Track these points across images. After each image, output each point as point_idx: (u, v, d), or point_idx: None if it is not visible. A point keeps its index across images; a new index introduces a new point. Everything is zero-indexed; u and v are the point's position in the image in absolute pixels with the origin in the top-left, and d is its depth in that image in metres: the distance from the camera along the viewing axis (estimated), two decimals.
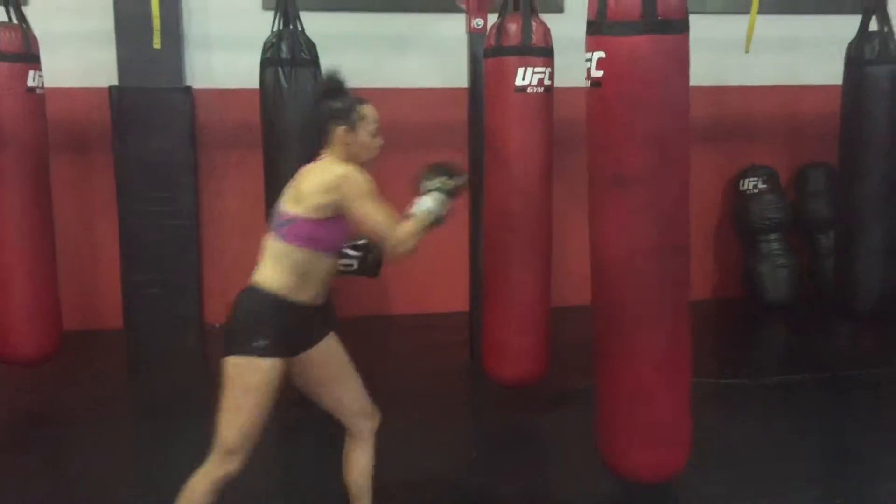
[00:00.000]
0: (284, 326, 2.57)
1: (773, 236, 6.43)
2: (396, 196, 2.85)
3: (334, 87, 2.73)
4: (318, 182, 2.57)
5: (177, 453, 3.88)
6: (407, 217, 2.63)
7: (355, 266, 2.78)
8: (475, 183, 2.77)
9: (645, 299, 2.86)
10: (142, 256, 5.66)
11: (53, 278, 4.48)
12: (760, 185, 6.42)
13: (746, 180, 6.47)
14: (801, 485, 3.54)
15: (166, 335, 5.67)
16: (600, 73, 2.74)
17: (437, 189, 2.70)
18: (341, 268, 2.74)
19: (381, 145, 2.77)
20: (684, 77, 2.79)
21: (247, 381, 2.53)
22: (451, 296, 6.04)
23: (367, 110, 2.72)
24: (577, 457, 3.85)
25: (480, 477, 3.68)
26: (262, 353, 2.53)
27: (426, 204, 2.65)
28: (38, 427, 4.29)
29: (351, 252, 2.76)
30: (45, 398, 4.65)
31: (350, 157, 2.68)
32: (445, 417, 4.40)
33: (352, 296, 6.21)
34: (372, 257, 2.80)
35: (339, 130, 2.67)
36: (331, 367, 2.76)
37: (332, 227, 2.59)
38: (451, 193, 2.71)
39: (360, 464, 2.81)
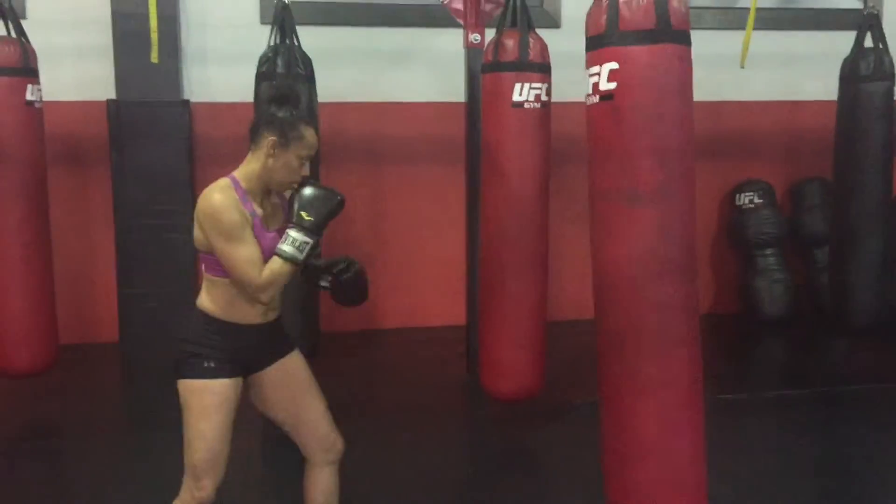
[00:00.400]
0: (228, 346, 2.51)
1: (769, 251, 6.44)
2: (393, 209, 2.83)
3: (286, 95, 2.59)
4: (197, 214, 2.44)
5: (171, 467, 3.87)
6: (273, 258, 2.44)
7: (330, 290, 2.61)
8: (340, 210, 2.50)
9: (661, 328, 2.70)
10: (138, 270, 5.66)
11: (50, 291, 4.47)
12: (756, 200, 6.44)
13: (742, 195, 6.49)
14: (798, 500, 3.53)
15: (162, 348, 5.64)
16: (612, 86, 2.62)
17: (299, 226, 2.43)
18: (322, 286, 2.61)
19: (302, 177, 2.53)
20: (691, 88, 2.75)
21: (202, 404, 2.48)
22: (449, 309, 6.04)
23: (309, 134, 2.50)
24: (573, 472, 3.84)
25: (477, 492, 3.67)
26: (211, 373, 2.48)
27: (285, 247, 2.42)
28: (33, 439, 4.27)
29: (321, 283, 2.60)
30: (41, 411, 4.63)
31: (265, 174, 2.48)
32: (442, 432, 4.38)
33: (350, 309, 6.20)
34: (346, 279, 2.57)
35: (270, 140, 2.45)
36: (290, 387, 2.65)
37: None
38: (313, 229, 2.43)
39: (315, 493, 2.70)
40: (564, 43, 4.69)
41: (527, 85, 3.88)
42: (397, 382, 5.19)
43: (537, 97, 3.92)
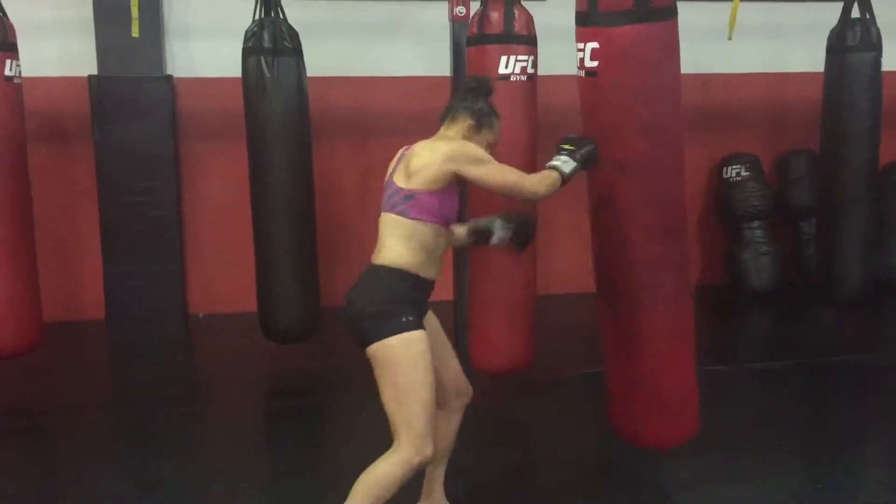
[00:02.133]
0: (417, 300, 2.66)
1: (756, 223, 6.45)
2: (381, 184, 2.82)
3: (486, 89, 2.86)
4: (436, 154, 2.63)
5: (158, 443, 3.88)
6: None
7: (507, 239, 2.94)
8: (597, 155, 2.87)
9: (651, 282, 2.97)
10: (123, 247, 5.63)
11: (34, 270, 4.43)
12: (743, 173, 6.44)
13: (729, 168, 6.49)
14: (783, 471, 3.56)
15: (149, 325, 5.65)
16: (595, 64, 2.79)
17: (568, 152, 2.81)
18: (495, 240, 2.94)
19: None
20: (676, 62, 2.85)
21: (410, 355, 2.55)
22: (436, 285, 6.04)
23: (497, 125, 2.86)
24: (561, 445, 3.86)
25: (463, 465, 3.68)
26: (412, 326, 2.58)
27: (555, 162, 2.78)
28: (19, 418, 4.25)
29: (507, 225, 2.94)
30: (27, 390, 4.61)
31: None
32: None
33: (336, 285, 6.20)
34: (526, 230, 2.97)
35: (467, 122, 2.79)
36: (435, 340, 2.77)
37: (447, 199, 2.67)
38: (581, 159, 2.81)
39: (447, 432, 2.92)
40: (551, 15, 4.66)
41: (513, 57, 3.85)
42: None
43: (523, 70, 3.89)
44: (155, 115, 5.63)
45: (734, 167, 6.46)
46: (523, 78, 3.89)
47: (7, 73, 4.18)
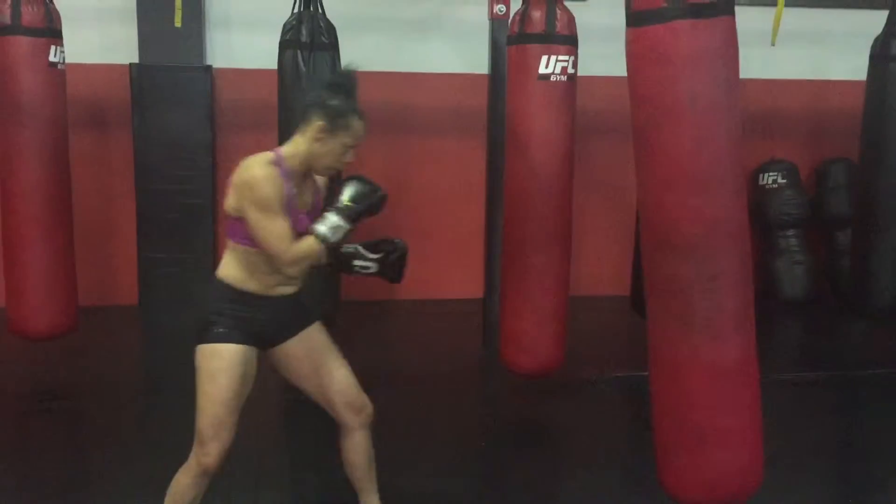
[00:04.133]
0: (242, 314, 2.56)
1: (790, 232, 6.39)
2: (414, 181, 2.81)
3: (342, 83, 2.56)
4: (235, 180, 2.50)
5: (188, 429, 3.91)
6: (305, 236, 2.49)
7: (373, 269, 2.67)
8: (381, 206, 2.60)
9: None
10: (158, 234, 5.69)
11: (71, 253, 4.49)
12: (780, 180, 6.37)
13: (766, 174, 6.43)
14: (813, 484, 3.52)
15: (181, 312, 5.69)
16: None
17: (339, 210, 2.49)
18: (358, 269, 2.66)
19: (347, 164, 2.58)
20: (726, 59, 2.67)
21: (211, 367, 2.53)
22: (466, 282, 6.04)
23: (356, 125, 2.52)
24: (586, 449, 3.85)
25: (488, 466, 3.69)
26: (221, 338, 2.53)
27: (320, 227, 2.48)
28: (53, 400, 4.32)
29: (369, 255, 2.65)
30: (62, 373, 4.67)
31: (310, 157, 2.53)
32: (455, 405, 4.40)
33: (363, 279, 6.21)
34: (394, 259, 2.68)
35: (318, 124, 2.49)
36: (313, 359, 2.70)
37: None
38: (350, 217, 2.50)
39: (354, 457, 2.78)
40: (591, 16, 4.64)
41: (553, 57, 3.83)
42: (413, 354, 5.21)
43: (563, 70, 3.88)
44: (193, 104, 5.68)
45: (771, 174, 6.40)
46: (563, 78, 3.88)
47: (52, 59, 4.23)
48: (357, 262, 2.64)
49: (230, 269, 2.58)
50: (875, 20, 5.15)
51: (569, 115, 3.95)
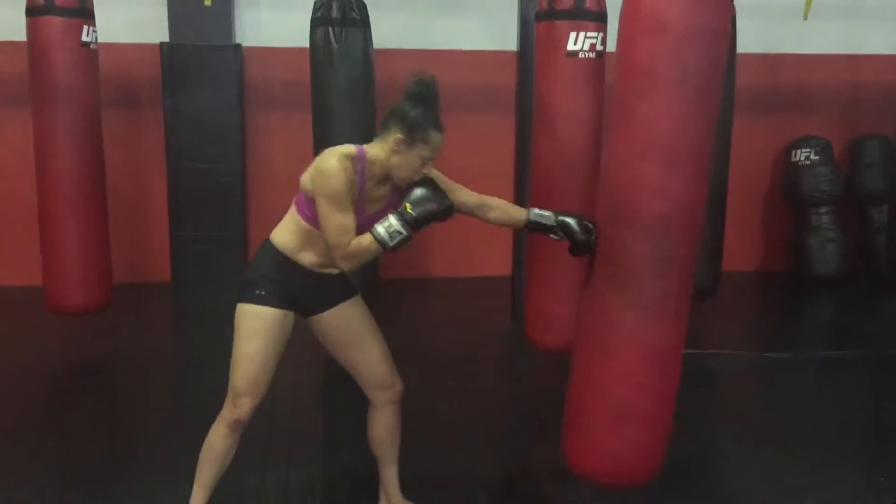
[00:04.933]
0: (285, 281, 2.62)
1: (823, 209, 6.31)
2: (442, 158, 2.80)
3: (423, 94, 2.56)
4: (315, 164, 2.53)
5: (219, 403, 3.98)
6: (365, 235, 2.50)
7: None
8: (446, 216, 2.65)
9: None
10: (189, 212, 5.75)
11: (105, 231, 4.55)
12: (813, 157, 6.29)
13: (799, 151, 6.34)
14: (844, 462, 3.50)
15: (211, 290, 5.76)
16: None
17: (400, 216, 2.50)
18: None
19: (420, 179, 2.59)
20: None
21: (249, 327, 2.61)
22: (494, 260, 6.05)
23: (435, 139, 2.55)
24: None
25: (517, 442, 3.71)
26: (262, 301, 2.60)
27: (380, 230, 2.48)
28: (88, 375, 4.41)
29: (559, 228, 2.74)
30: (95, 348, 4.76)
31: (388, 166, 2.56)
32: (484, 382, 4.42)
33: (394, 257, 6.24)
34: (586, 239, 2.71)
35: (397, 136, 2.51)
36: (347, 331, 2.76)
37: None
38: (410, 224, 2.50)
39: (376, 430, 2.84)
40: None
41: (582, 34, 3.79)
42: (441, 331, 5.23)
43: (592, 47, 3.83)
44: (223, 83, 5.71)
45: (804, 150, 6.31)
46: (592, 55, 3.84)
47: (84, 38, 4.27)
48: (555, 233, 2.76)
49: (287, 236, 2.64)
50: None
51: (597, 93, 3.91)
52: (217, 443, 2.69)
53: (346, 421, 3.77)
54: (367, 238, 2.48)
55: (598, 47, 3.86)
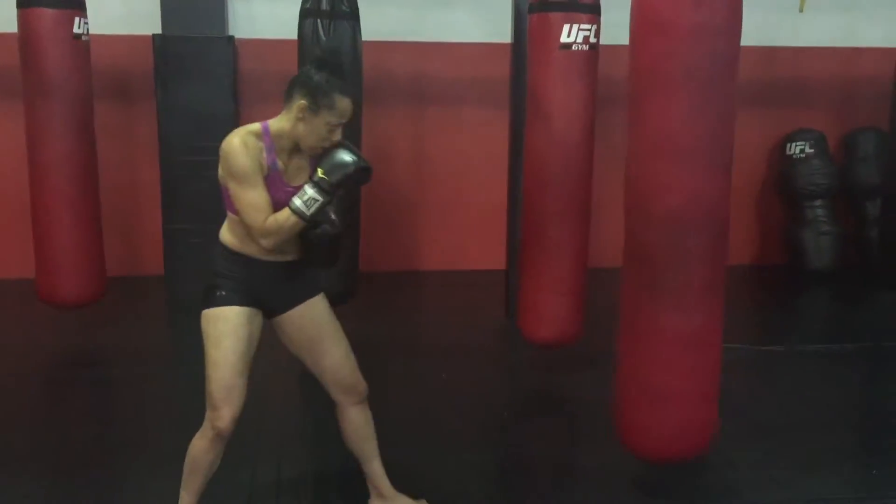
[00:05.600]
0: (241, 276, 2.57)
1: (818, 202, 6.31)
2: (436, 151, 2.80)
3: (329, 61, 2.53)
4: (221, 153, 2.49)
5: None
6: (283, 209, 2.46)
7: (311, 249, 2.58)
8: (362, 178, 2.51)
9: None
10: (182, 205, 5.72)
11: (98, 224, 4.54)
12: (808, 150, 6.29)
13: (793, 144, 6.34)
14: (836, 454, 3.51)
15: (205, 282, 5.74)
16: None
17: (314, 184, 2.43)
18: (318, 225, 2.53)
19: (332, 144, 2.50)
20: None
21: (215, 330, 2.55)
22: (488, 254, 6.04)
23: (342, 103, 2.45)
24: (607, 419, 3.85)
25: (511, 436, 3.71)
26: (223, 301, 2.55)
27: (296, 200, 2.43)
28: (82, 367, 4.40)
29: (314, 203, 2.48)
30: (89, 340, 4.75)
31: (292, 134, 2.49)
32: (478, 376, 4.41)
33: (390, 250, 6.24)
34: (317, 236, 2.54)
35: (301, 103, 2.44)
36: (309, 333, 2.69)
37: None
38: (325, 190, 2.43)
39: (348, 431, 2.80)
40: None
41: (576, 26, 3.79)
42: (435, 324, 5.23)
43: (586, 39, 3.83)
44: (216, 75, 5.67)
45: (798, 143, 6.31)
46: (586, 48, 3.83)
47: (76, 30, 4.25)
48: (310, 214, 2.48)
49: (227, 233, 2.61)
50: None
51: (591, 85, 3.92)
52: (199, 456, 2.62)
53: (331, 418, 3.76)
54: (283, 212, 2.44)
55: (592, 39, 3.86)
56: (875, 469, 3.38)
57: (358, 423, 2.78)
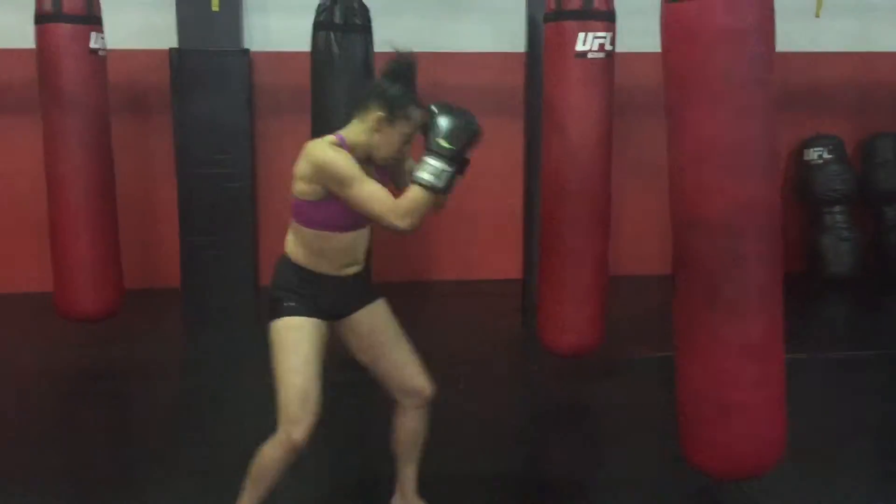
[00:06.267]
0: (309, 292, 2.58)
1: (837, 208, 6.26)
2: None
3: (403, 71, 2.51)
4: (304, 166, 2.47)
5: (228, 410, 3.98)
6: (408, 188, 2.41)
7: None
8: (479, 138, 2.43)
9: None
10: (199, 218, 5.74)
11: (115, 238, 4.56)
12: (826, 156, 6.24)
13: (811, 150, 6.30)
14: (858, 463, 3.46)
15: (221, 295, 5.76)
16: None
17: (438, 155, 2.37)
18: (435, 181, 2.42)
19: (406, 154, 2.56)
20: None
21: (288, 341, 2.54)
22: (505, 263, 6.02)
23: (416, 114, 2.48)
24: (628, 429, 3.82)
25: (529, 446, 3.68)
26: (293, 311, 2.55)
27: (423, 175, 2.37)
28: (99, 381, 4.41)
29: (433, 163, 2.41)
30: (106, 354, 4.76)
31: (369, 147, 2.50)
32: (495, 385, 4.39)
33: (405, 260, 6.23)
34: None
35: (377, 115, 2.46)
36: (372, 336, 2.71)
37: (332, 207, 2.49)
38: (453, 160, 2.38)
39: (401, 433, 2.79)
40: None
41: (591, 34, 3.77)
42: (450, 334, 5.21)
43: (601, 47, 3.82)
44: (232, 88, 5.70)
45: (816, 149, 6.27)
46: (601, 55, 3.82)
47: (92, 45, 4.28)
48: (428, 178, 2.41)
49: (296, 248, 2.60)
50: None
51: (607, 94, 3.90)
52: (269, 466, 2.55)
53: (338, 424, 3.75)
54: (413, 189, 2.38)
55: (607, 47, 3.85)
56: (894, 477, 3.35)
57: (412, 428, 2.77)
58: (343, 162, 2.40)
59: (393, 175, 2.66)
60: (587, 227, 3.92)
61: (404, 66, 2.50)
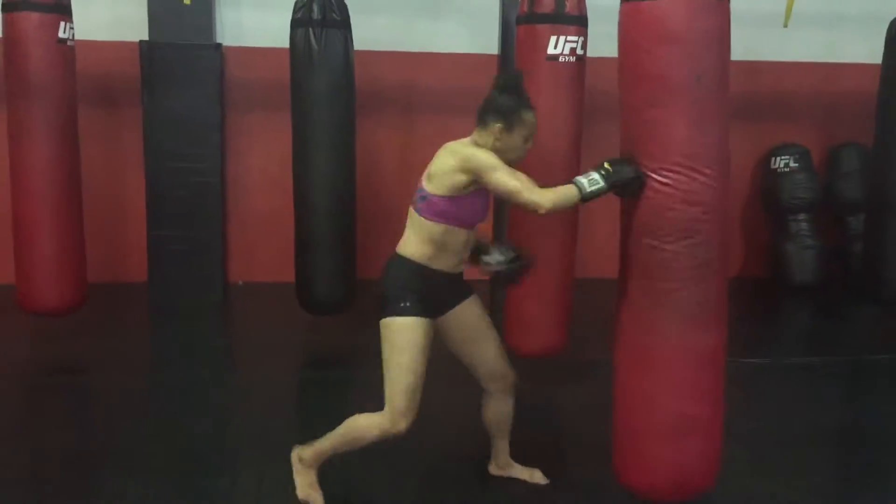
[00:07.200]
0: (426, 290, 2.80)
1: (801, 216, 6.35)
2: (424, 160, 2.84)
3: (510, 84, 2.83)
4: (451, 163, 2.71)
5: (192, 406, 3.96)
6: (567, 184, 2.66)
7: (500, 269, 2.91)
8: (634, 188, 2.59)
9: None
10: (167, 212, 5.71)
11: (80, 230, 4.50)
12: (792, 164, 6.33)
13: (777, 158, 6.39)
14: (818, 468, 3.51)
15: (189, 290, 5.73)
16: None
17: (601, 172, 2.62)
18: (485, 268, 2.92)
19: (530, 149, 2.85)
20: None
21: (401, 340, 2.76)
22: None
23: (529, 117, 2.79)
24: (594, 429, 3.84)
25: (489, 447, 3.68)
26: (408, 312, 2.76)
27: (581, 179, 2.63)
28: (62, 375, 4.35)
29: (498, 257, 2.91)
30: (71, 347, 4.71)
31: (494, 150, 2.76)
32: (461, 386, 4.39)
33: (373, 256, 6.22)
34: (517, 266, 2.93)
35: (496, 126, 2.76)
36: (466, 330, 2.97)
37: (465, 203, 2.74)
38: (609, 180, 2.59)
39: (490, 415, 3.16)
40: None
41: (562, 38, 3.80)
42: None
43: (573, 51, 3.84)
44: (203, 82, 5.67)
45: (783, 158, 6.36)
46: (572, 59, 3.85)
47: (61, 35, 4.23)
48: (486, 260, 2.91)
49: (418, 247, 2.81)
50: (890, 2, 5.09)
51: (577, 97, 3.93)
52: (362, 440, 2.83)
53: (321, 422, 3.74)
54: (567, 186, 2.63)
55: (579, 51, 3.87)
56: (856, 483, 3.39)
57: (500, 409, 3.14)
58: (482, 152, 2.72)
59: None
60: (554, 228, 3.94)
61: (511, 79, 2.86)
